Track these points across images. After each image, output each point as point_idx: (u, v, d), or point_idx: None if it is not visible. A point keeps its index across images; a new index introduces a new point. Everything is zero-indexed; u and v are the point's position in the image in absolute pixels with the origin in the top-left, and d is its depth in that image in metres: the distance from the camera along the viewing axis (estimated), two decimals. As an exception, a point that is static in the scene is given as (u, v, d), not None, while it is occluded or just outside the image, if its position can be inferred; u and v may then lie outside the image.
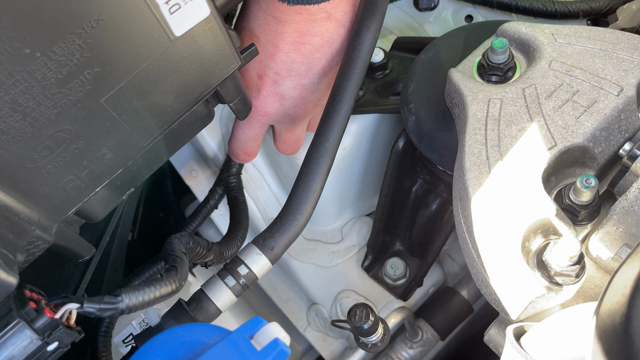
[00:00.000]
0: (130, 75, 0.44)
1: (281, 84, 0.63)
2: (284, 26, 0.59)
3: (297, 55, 0.61)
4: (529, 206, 0.52)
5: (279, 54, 0.61)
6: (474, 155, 0.56)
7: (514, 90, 0.58)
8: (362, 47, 0.59)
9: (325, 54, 0.63)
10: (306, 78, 0.64)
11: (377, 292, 0.84)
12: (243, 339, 0.39)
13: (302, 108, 0.67)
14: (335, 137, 0.58)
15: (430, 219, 0.78)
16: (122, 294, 0.41)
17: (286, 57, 0.61)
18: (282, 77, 0.63)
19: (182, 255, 0.51)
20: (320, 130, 0.59)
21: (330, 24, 0.60)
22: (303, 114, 0.68)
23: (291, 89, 0.64)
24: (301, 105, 0.67)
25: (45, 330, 0.39)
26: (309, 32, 0.60)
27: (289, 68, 0.62)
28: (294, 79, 0.63)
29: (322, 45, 0.62)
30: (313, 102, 0.67)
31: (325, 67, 0.64)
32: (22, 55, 0.37)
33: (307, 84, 0.64)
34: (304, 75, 0.63)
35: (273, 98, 0.65)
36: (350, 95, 0.59)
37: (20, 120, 0.39)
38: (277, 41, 0.60)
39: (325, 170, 0.58)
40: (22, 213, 0.42)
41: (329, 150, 0.58)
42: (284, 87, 0.64)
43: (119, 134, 0.47)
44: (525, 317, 0.55)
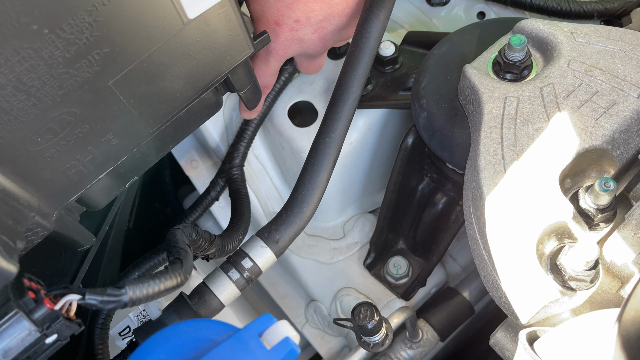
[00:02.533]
0: (140, 58, 0.42)
1: (300, 30, 0.62)
2: None
3: (316, 4, 0.60)
4: (544, 208, 0.51)
5: (298, 3, 0.59)
6: (489, 154, 0.54)
7: (531, 89, 0.56)
8: (370, 35, 0.57)
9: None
10: (325, 22, 0.63)
11: (378, 291, 0.83)
12: (252, 337, 0.38)
13: (321, 46, 0.67)
14: (342, 128, 0.56)
15: (436, 218, 0.77)
16: (125, 286, 0.39)
17: (305, 6, 0.60)
18: (301, 24, 0.61)
19: (185, 247, 0.49)
20: (326, 120, 0.57)
21: None
22: (322, 50, 0.68)
23: (310, 33, 0.63)
24: (320, 44, 0.66)
25: (44, 322, 0.37)
26: None
27: (307, 16, 0.61)
28: (313, 25, 0.62)
29: None
30: (332, 39, 0.66)
31: (345, 9, 0.62)
32: (29, 31, 0.35)
33: (326, 26, 0.63)
34: (323, 20, 0.62)
35: (292, 42, 0.63)
36: (357, 85, 0.57)
37: (24, 100, 0.37)
38: None
39: (332, 162, 0.56)
40: (21, 198, 0.40)
41: (335, 141, 0.56)
42: (303, 33, 0.62)
43: (126, 119, 0.45)
44: (535, 322, 0.53)
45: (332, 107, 0.57)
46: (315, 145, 0.56)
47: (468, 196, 0.58)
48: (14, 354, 0.36)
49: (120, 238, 0.82)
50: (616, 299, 0.53)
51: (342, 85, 0.57)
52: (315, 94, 0.81)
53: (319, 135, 0.56)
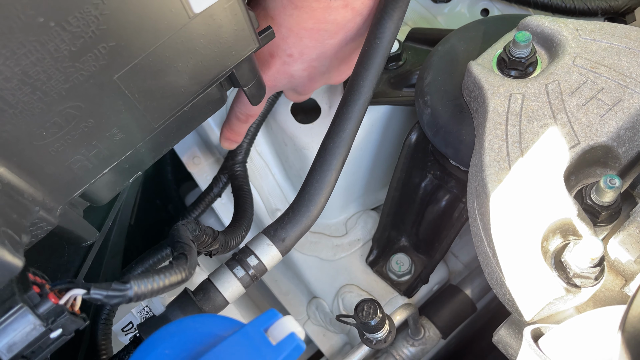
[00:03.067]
0: (145, 52, 0.41)
1: (292, 65, 0.62)
2: (300, 11, 0.58)
3: (311, 41, 0.60)
4: (549, 205, 0.50)
5: (292, 37, 0.60)
6: (494, 151, 0.54)
7: (536, 86, 0.56)
8: (384, 36, 0.57)
9: (339, 40, 0.62)
10: (317, 61, 0.63)
11: (380, 288, 0.83)
12: (257, 332, 0.38)
13: (310, 86, 0.67)
14: (352, 128, 0.56)
15: (438, 215, 0.77)
16: (130, 281, 0.39)
17: (300, 41, 0.60)
18: (293, 60, 0.62)
19: (190, 242, 0.49)
20: (336, 119, 0.57)
21: (346, 12, 0.59)
22: (309, 90, 0.68)
23: (301, 70, 0.64)
24: (309, 84, 0.67)
25: (49, 317, 0.37)
26: (325, 19, 0.58)
27: (301, 52, 0.61)
28: (305, 62, 0.63)
29: (336, 32, 0.60)
30: (321, 80, 0.67)
31: (338, 52, 0.63)
32: (35, 24, 0.34)
33: (317, 66, 0.64)
34: (315, 59, 0.63)
35: (282, 76, 0.64)
36: (369, 85, 0.57)
37: (29, 93, 0.37)
38: (292, 25, 0.59)
39: (341, 162, 0.56)
40: (26, 192, 0.40)
41: (345, 141, 0.56)
42: (295, 69, 0.63)
43: (131, 114, 0.44)
44: (539, 319, 0.53)
45: (343, 107, 0.56)
46: (324, 144, 0.56)
47: (472, 193, 0.58)
48: (19, 348, 0.36)
49: (123, 234, 0.82)
50: (619, 296, 0.53)
51: (353, 85, 0.57)
52: (318, 91, 0.81)
53: (328, 135, 0.56)
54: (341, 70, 0.67)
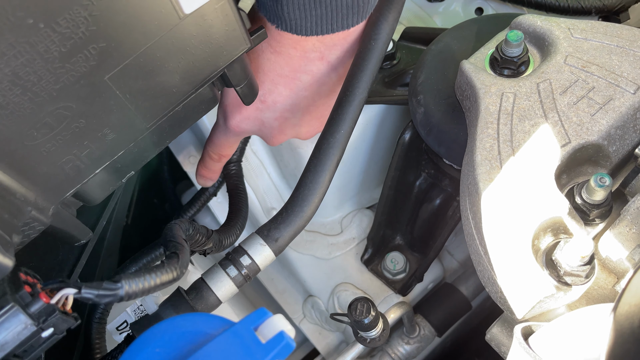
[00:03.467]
0: (136, 53, 0.42)
1: (264, 112, 0.63)
2: (278, 57, 0.58)
3: (285, 89, 0.61)
4: (540, 203, 0.51)
5: (268, 83, 0.60)
6: (485, 150, 0.54)
7: (528, 85, 0.56)
8: (379, 37, 0.57)
9: (312, 93, 0.62)
10: (289, 112, 0.63)
11: (375, 286, 0.83)
12: (247, 331, 0.38)
13: (278, 137, 0.67)
14: (347, 129, 0.56)
15: (433, 214, 0.77)
16: (121, 280, 0.40)
17: (275, 88, 0.61)
18: (266, 106, 0.62)
19: (182, 242, 0.49)
20: (331, 120, 0.57)
21: (322, 65, 0.59)
22: (278, 140, 0.68)
23: (272, 119, 0.64)
24: (278, 134, 0.66)
25: (40, 316, 0.37)
26: (301, 69, 0.59)
27: (274, 100, 0.62)
28: (277, 111, 0.63)
29: (311, 84, 0.61)
30: (291, 134, 0.67)
31: (310, 105, 0.63)
32: (25, 26, 0.35)
33: (289, 117, 0.64)
34: (287, 110, 0.63)
35: (253, 122, 0.64)
36: (364, 87, 0.57)
37: (20, 94, 0.37)
38: (269, 70, 0.60)
39: (335, 162, 0.56)
40: (18, 192, 0.41)
41: (339, 142, 0.56)
42: (266, 116, 0.63)
43: (122, 114, 0.45)
44: (531, 317, 0.54)
45: (338, 108, 0.56)
46: (318, 145, 0.56)
47: (464, 192, 0.58)
48: (10, 348, 0.37)
49: (118, 233, 0.82)
50: (612, 294, 0.53)
51: (348, 86, 0.57)
52: (313, 90, 0.81)
53: (323, 135, 0.56)
54: (312, 126, 0.66)
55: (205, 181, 0.75)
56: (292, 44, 0.56)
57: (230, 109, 0.64)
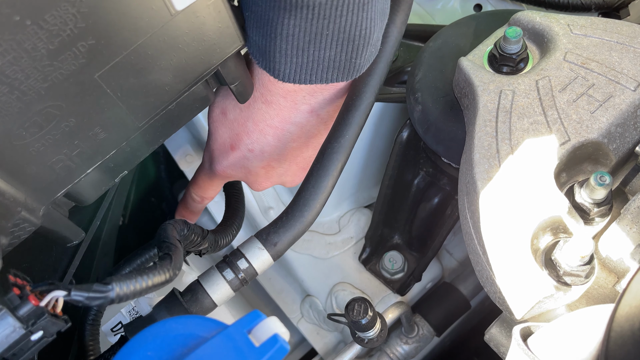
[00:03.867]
0: (127, 50, 0.41)
1: (251, 160, 0.63)
2: (268, 107, 0.58)
3: (274, 140, 0.60)
4: (539, 202, 0.50)
5: (256, 133, 0.60)
6: (483, 148, 0.53)
7: (526, 82, 0.56)
8: (387, 41, 0.56)
9: (300, 145, 0.62)
10: (276, 162, 0.63)
11: (373, 286, 0.82)
12: (240, 334, 0.37)
13: (263, 184, 0.67)
14: (352, 134, 0.55)
15: (431, 213, 0.76)
16: (112, 282, 0.39)
17: (263, 138, 0.60)
18: (254, 155, 0.62)
19: (176, 242, 0.49)
20: (337, 125, 0.56)
21: (312, 117, 0.59)
22: (262, 187, 0.68)
23: (259, 167, 0.64)
24: (263, 181, 0.66)
25: (29, 319, 0.37)
26: (290, 119, 0.59)
27: (262, 149, 0.61)
28: (265, 161, 0.63)
29: (299, 136, 0.61)
30: (275, 181, 0.67)
31: (297, 156, 0.63)
32: (11, 23, 0.34)
33: (275, 166, 0.64)
34: (275, 160, 0.63)
35: (239, 168, 0.64)
36: (371, 91, 0.56)
37: (7, 93, 0.36)
38: (258, 120, 0.59)
39: (339, 168, 0.55)
40: (7, 193, 0.40)
41: (344, 147, 0.55)
42: (253, 164, 0.63)
43: (113, 113, 0.44)
44: (530, 317, 0.53)
45: (344, 112, 0.55)
46: (323, 149, 0.55)
47: (463, 190, 0.57)
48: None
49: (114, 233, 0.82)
50: (612, 294, 0.53)
51: (356, 90, 0.55)
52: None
53: (327, 140, 0.55)
54: (297, 175, 0.66)
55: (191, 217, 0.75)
56: (283, 94, 0.56)
57: (217, 154, 0.64)
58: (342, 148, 0.55)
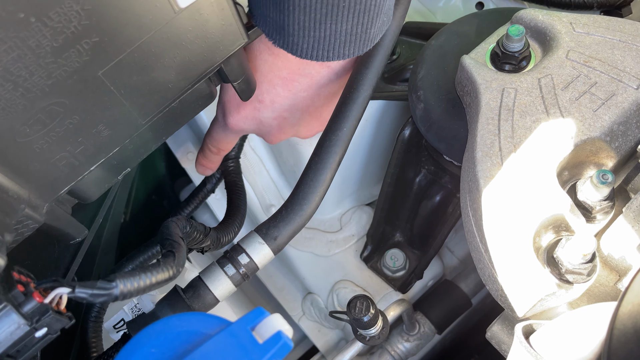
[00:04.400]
0: (130, 48, 0.41)
1: (262, 112, 0.62)
2: (276, 59, 0.58)
3: (284, 90, 0.60)
4: (542, 201, 0.50)
5: (265, 84, 0.59)
6: (486, 146, 0.53)
7: (529, 80, 0.56)
8: (386, 35, 0.56)
9: (311, 95, 0.61)
10: (288, 112, 0.63)
11: (375, 284, 0.82)
12: (244, 331, 0.37)
13: (277, 136, 0.66)
14: (350, 127, 0.55)
15: (433, 210, 0.76)
16: (116, 280, 0.39)
17: (272, 89, 0.60)
18: (264, 106, 0.62)
19: (179, 240, 0.49)
20: (334, 118, 0.56)
21: (322, 69, 0.59)
22: (277, 139, 0.67)
23: (271, 118, 0.63)
24: (277, 133, 0.66)
25: (33, 316, 0.37)
26: (300, 71, 0.58)
27: (272, 100, 0.61)
28: (276, 111, 0.62)
29: (310, 86, 0.60)
30: (290, 133, 0.66)
31: (309, 106, 0.63)
32: (15, 20, 0.34)
33: (287, 117, 0.63)
34: (286, 110, 0.62)
35: (251, 121, 0.64)
36: (369, 84, 0.56)
37: (11, 90, 0.36)
38: (266, 72, 0.59)
39: (337, 161, 0.55)
40: (11, 190, 0.40)
41: (342, 140, 0.55)
42: (264, 115, 0.63)
43: (117, 110, 0.44)
44: (532, 315, 0.53)
45: (342, 105, 0.55)
46: (320, 142, 0.55)
47: (465, 188, 0.58)
48: (3, 348, 0.36)
49: (116, 231, 0.82)
50: (614, 292, 0.53)
51: (353, 83, 0.56)
52: (311, 86, 0.80)
53: (325, 133, 0.55)
54: (311, 126, 0.66)
55: (204, 170, 0.74)
56: None
57: (229, 106, 0.63)
58: (340, 141, 0.55)
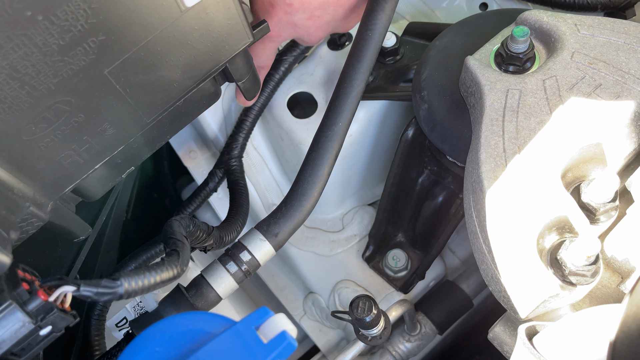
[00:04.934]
0: (136, 47, 0.41)
1: (294, 14, 0.61)
2: None
3: None
4: (546, 202, 0.50)
5: None
6: (490, 147, 0.53)
7: (533, 81, 0.56)
8: (375, 28, 0.56)
9: None
10: (320, 10, 0.62)
11: (377, 284, 0.82)
12: (249, 330, 0.37)
13: (316, 35, 0.65)
14: (345, 121, 0.56)
15: (435, 211, 0.76)
16: (121, 278, 0.39)
17: None
18: (294, 9, 0.61)
19: (183, 238, 0.49)
20: (328, 113, 0.56)
21: None
22: (317, 39, 0.66)
23: (304, 19, 0.62)
24: (315, 32, 0.65)
25: (38, 314, 0.37)
26: None
27: (302, 1, 0.60)
28: (307, 12, 0.61)
29: None
30: (328, 29, 0.65)
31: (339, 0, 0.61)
32: (22, 18, 0.34)
33: (321, 15, 0.62)
34: (317, 8, 0.61)
35: (286, 25, 0.63)
36: (361, 78, 0.56)
37: (17, 88, 0.36)
38: None
39: (334, 155, 0.55)
40: (16, 188, 0.40)
41: (337, 135, 0.55)
42: (297, 18, 0.62)
43: (122, 109, 0.44)
44: (534, 317, 0.53)
45: (335, 100, 0.56)
46: (317, 138, 0.55)
47: (468, 189, 0.57)
48: (8, 346, 0.36)
49: (118, 229, 0.82)
50: (616, 293, 0.53)
51: (345, 78, 0.56)
52: (314, 85, 0.81)
53: (321, 128, 0.55)
54: (349, 18, 0.65)
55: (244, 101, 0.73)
56: None
57: (260, 16, 0.62)
58: (336, 135, 0.55)
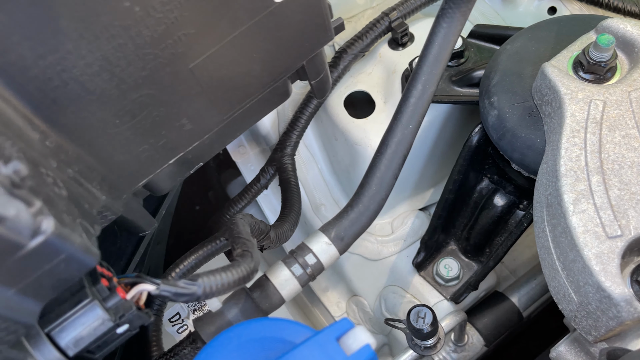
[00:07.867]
0: (223, 41, 0.40)
1: None
2: None
3: None
4: (629, 220, 0.48)
5: None
6: (571, 160, 0.51)
7: (618, 93, 0.53)
8: (451, 33, 0.54)
9: None
10: None
11: (426, 292, 0.80)
12: (331, 342, 0.36)
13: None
14: (415, 124, 0.54)
15: (493, 221, 0.74)
16: (199, 279, 0.38)
17: None
18: None
19: (251, 238, 0.48)
20: (398, 115, 0.54)
21: None
22: None
23: None
24: None
25: (117, 311, 0.36)
26: None
27: None
28: None
29: None
30: None
31: None
32: (121, 8, 0.33)
33: None
34: None
35: None
36: (434, 80, 0.54)
37: (107, 80, 0.36)
38: None
39: (402, 159, 0.54)
40: (95, 181, 0.39)
41: (407, 138, 0.53)
42: None
43: (201, 105, 0.43)
44: (604, 338, 0.51)
45: (406, 101, 0.54)
46: (385, 140, 0.53)
47: (541, 202, 0.55)
48: (86, 343, 0.35)
49: (168, 221, 0.81)
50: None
51: (417, 79, 0.54)
52: (372, 84, 0.79)
53: (390, 130, 0.53)
54: None
55: None
56: None
57: None
58: (405, 139, 0.53)
